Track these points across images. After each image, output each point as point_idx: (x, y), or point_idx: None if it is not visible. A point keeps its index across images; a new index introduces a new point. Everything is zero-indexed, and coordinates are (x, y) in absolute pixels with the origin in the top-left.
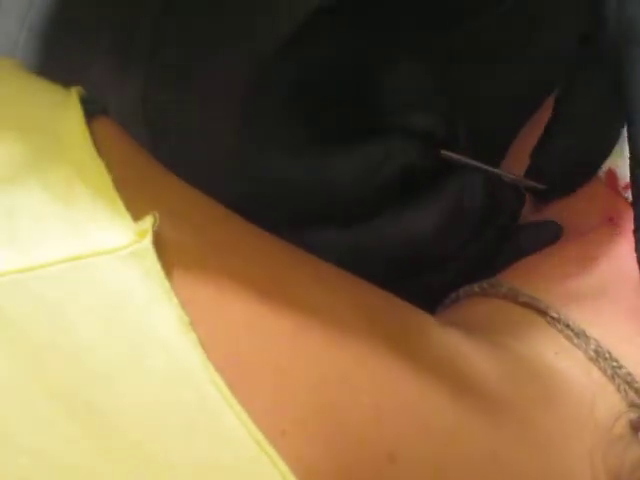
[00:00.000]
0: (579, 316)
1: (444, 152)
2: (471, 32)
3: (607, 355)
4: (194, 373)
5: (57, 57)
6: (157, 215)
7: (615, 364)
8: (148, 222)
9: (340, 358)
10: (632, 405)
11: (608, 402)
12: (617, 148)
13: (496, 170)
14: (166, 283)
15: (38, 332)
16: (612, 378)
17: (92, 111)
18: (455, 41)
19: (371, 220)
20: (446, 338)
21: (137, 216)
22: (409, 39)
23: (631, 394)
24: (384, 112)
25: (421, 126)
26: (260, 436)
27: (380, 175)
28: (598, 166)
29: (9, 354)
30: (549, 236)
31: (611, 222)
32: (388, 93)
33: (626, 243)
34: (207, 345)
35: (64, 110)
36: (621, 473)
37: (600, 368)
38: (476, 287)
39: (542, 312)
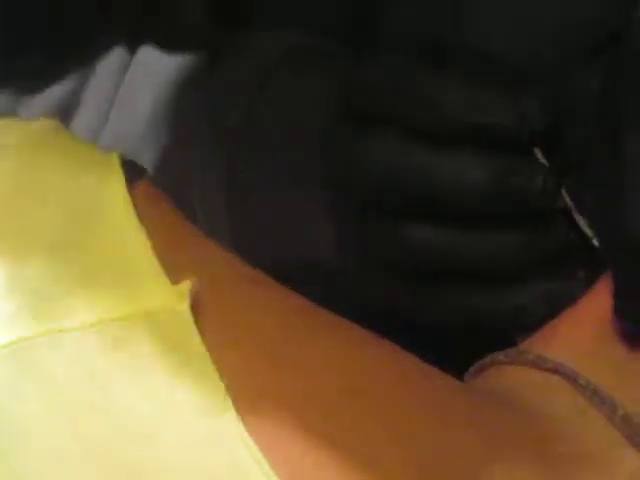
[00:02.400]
0: (607, 383)
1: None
2: None
3: (634, 422)
4: (226, 436)
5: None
6: (195, 279)
7: None
8: (186, 286)
9: (373, 434)
10: None
11: (633, 465)
12: None
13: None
14: (202, 348)
15: (76, 391)
16: (638, 444)
17: (133, 175)
18: None
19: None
20: (474, 404)
21: (176, 280)
22: None
23: None
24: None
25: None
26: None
27: (505, 186)
28: None
29: (49, 413)
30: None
31: None
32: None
33: None
34: (241, 405)
35: (106, 174)
36: None
37: (625, 434)
38: (502, 355)
39: (570, 379)
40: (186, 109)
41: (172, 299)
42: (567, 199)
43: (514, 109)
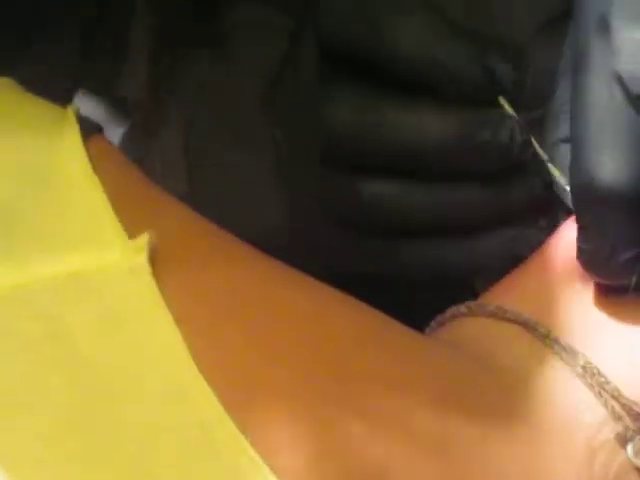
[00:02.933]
0: (567, 331)
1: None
2: None
3: (595, 371)
4: (189, 392)
5: None
6: (153, 233)
7: (603, 379)
8: (144, 239)
9: (334, 376)
10: (618, 419)
11: (594, 415)
12: None
13: (559, 178)
14: (161, 300)
15: (39, 345)
16: (599, 394)
17: (88, 130)
18: None
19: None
20: (434, 353)
21: (133, 234)
22: None
23: (617, 409)
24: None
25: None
26: (253, 453)
27: (474, 141)
28: None
29: (10, 368)
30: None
31: None
32: None
33: None
34: (201, 362)
35: (60, 127)
36: None
37: (587, 384)
38: (463, 307)
39: (530, 328)
40: None
41: (130, 253)
42: (538, 150)
43: (480, 60)
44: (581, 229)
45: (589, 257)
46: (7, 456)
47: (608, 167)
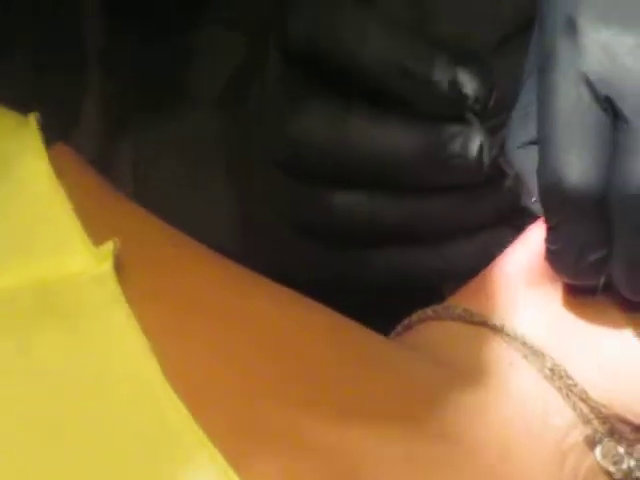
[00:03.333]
0: (534, 334)
1: (502, 159)
2: None
3: (563, 373)
4: (157, 399)
5: None
6: (117, 240)
7: (570, 382)
8: (109, 247)
9: (302, 382)
10: (586, 422)
11: (563, 418)
12: None
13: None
14: (127, 308)
15: (6, 361)
16: (567, 396)
17: (50, 138)
18: None
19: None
20: (400, 357)
21: (98, 241)
22: None
23: (585, 411)
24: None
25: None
26: (221, 459)
27: (443, 154)
28: None
29: None
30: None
31: None
32: None
33: None
34: (168, 370)
35: (22, 135)
36: None
37: (555, 386)
38: (429, 311)
39: (497, 331)
40: None
41: (95, 261)
42: (505, 165)
43: (448, 68)
44: (549, 230)
45: (557, 258)
46: None
47: (576, 167)
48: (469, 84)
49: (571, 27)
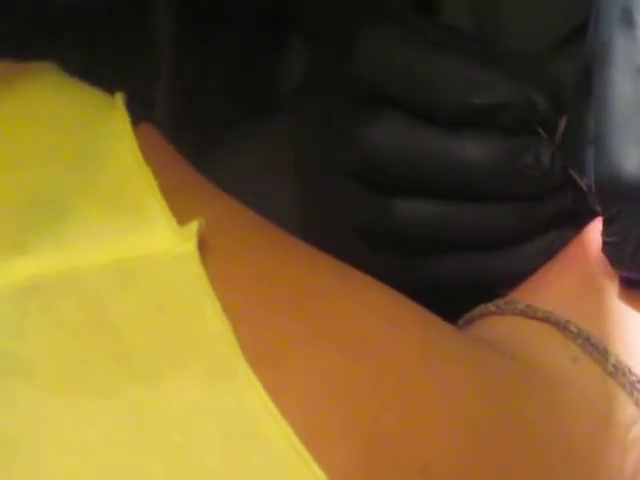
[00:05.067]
0: (597, 330)
1: (572, 170)
2: None
3: (626, 370)
4: (235, 376)
5: None
6: (202, 220)
7: (634, 378)
8: (193, 227)
9: (375, 368)
10: None
11: (625, 414)
12: None
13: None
14: (209, 288)
15: (82, 331)
16: (630, 392)
17: (136, 117)
18: None
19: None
20: (470, 346)
21: (181, 221)
22: None
23: None
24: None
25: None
26: (297, 442)
27: (517, 165)
28: None
29: (54, 356)
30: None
31: None
32: None
33: None
34: (247, 349)
35: (109, 114)
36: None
37: (618, 382)
38: (492, 306)
39: (561, 327)
40: None
41: (179, 240)
42: (575, 176)
43: (522, 90)
44: (606, 223)
45: (614, 251)
46: (57, 440)
47: (633, 160)
48: (543, 103)
49: (627, 20)
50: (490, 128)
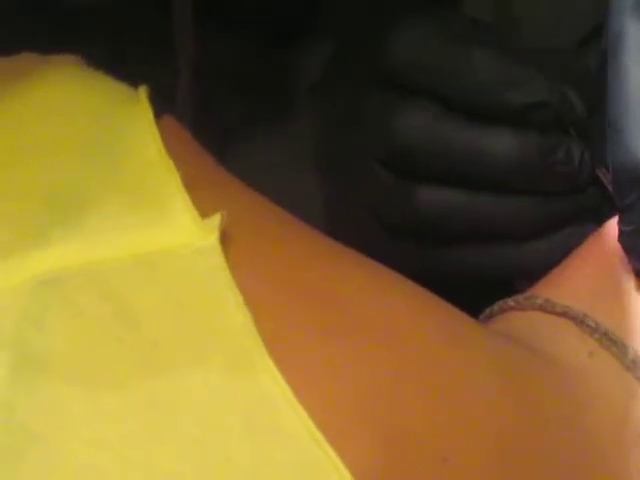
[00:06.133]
0: (615, 325)
1: (599, 170)
2: None
3: None
4: (256, 369)
5: None
6: (224, 213)
7: None
8: (216, 220)
9: (396, 360)
10: None
11: None
12: None
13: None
14: (231, 281)
15: (103, 324)
16: None
17: (159, 110)
18: None
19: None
20: (492, 340)
21: (203, 214)
22: None
23: None
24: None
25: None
26: (319, 435)
27: (549, 160)
28: None
29: (74, 347)
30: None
31: None
32: None
33: None
34: (269, 342)
35: (133, 107)
36: None
37: (636, 377)
38: (511, 301)
39: (579, 321)
40: None
41: (201, 233)
42: (599, 172)
43: (558, 89)
44: (623, 211)
45: (631, 239)
46: (77, 432)
47: None
48: (577, 102)
49: (639, 9)
50: (523, 123)
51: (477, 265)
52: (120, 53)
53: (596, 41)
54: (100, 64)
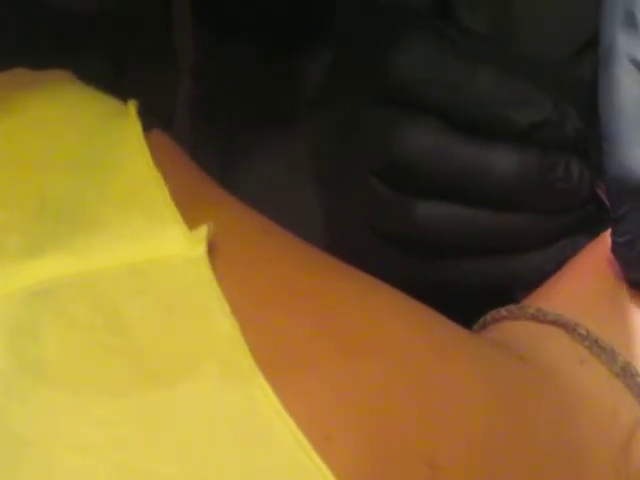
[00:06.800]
0: (605, 333)
1: (599, 190)
2: None
3: (634, 371)
4: (243, 377)
5: None
6: (211, 225)
7: None
8: (203, 231)
9: (383, 368)
10: None
11: (632, 415)
12: None
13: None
14: (218, 291)
15: (94, 333)
16: (638, 394)
17: (148, 124)
18: None
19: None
20: (482, 347)
21: (191, 225)
22: None
23: None
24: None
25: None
26: (305, 441)
27: (548, 177)
28: None
29: (66, 355)
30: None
31: None
32: None
33: None
34: (255, 350)
35: (122, 121)
36: None
37: (625, 384)
38: (504, 311)
39: (570, 329)
40: None
41: (189, 244)
42: (597, 189)
43: (560, 107)
44: (616, 222)
45: (624, 250)
46: (68, 439)
47: None
48: (578, 121)
49: (630, 22)
50: (525, 141)
51: (471, 276)
52: (121, 60)
53: (592, 50)
54: (101, 73)
